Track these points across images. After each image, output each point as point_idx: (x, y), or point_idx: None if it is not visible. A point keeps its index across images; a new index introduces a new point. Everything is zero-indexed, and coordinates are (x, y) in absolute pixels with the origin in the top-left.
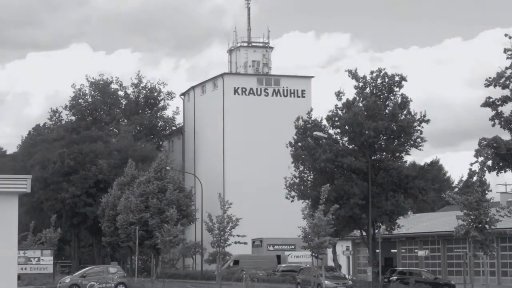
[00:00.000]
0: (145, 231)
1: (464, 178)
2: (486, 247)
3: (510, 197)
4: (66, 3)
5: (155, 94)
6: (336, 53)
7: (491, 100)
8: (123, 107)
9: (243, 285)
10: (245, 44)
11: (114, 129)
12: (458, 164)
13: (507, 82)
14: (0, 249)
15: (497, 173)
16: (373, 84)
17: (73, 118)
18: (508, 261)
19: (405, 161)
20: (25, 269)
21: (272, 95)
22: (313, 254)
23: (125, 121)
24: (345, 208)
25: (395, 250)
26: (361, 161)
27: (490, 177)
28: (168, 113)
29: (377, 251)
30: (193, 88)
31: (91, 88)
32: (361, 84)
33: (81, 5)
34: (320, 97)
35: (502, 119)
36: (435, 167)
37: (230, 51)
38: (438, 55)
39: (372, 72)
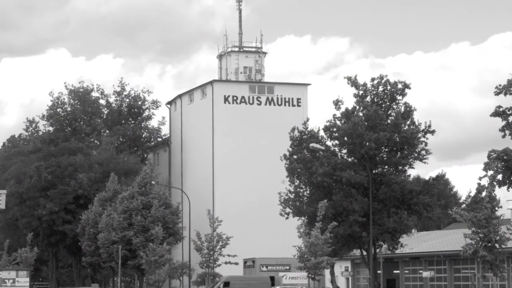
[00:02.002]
0: (129, 250)
1: (472, 194)
2: (496, 268)
3: None
4: (43, 5)
5: (139, 103)
6: (334, 58)
7: (501, 109)
8: (104, 116)
9: None
10: (236, 49)
11: (95, 141)
12: (465, 178)
13: None
14: None
15: (508, 188)
16: (374, 92)
17: (50, 128)
18: None
19: (409, 175)
20: None
21: (266, 104)
22: (310, 275)
23: (107, 132)
24: (344, 225)
25: (398, 271)
26: (361, 175)
27: (500, 192)
28: (153, 123)
29: (379, 272)
30: (180, 96)
31: (70, 96)
32: (361, 92)
33: (59, 7)
34: (317, 106)
35: None
36: (441, 182)
37: (220, 57)
38: (444, 61)
39: (373, 79)
